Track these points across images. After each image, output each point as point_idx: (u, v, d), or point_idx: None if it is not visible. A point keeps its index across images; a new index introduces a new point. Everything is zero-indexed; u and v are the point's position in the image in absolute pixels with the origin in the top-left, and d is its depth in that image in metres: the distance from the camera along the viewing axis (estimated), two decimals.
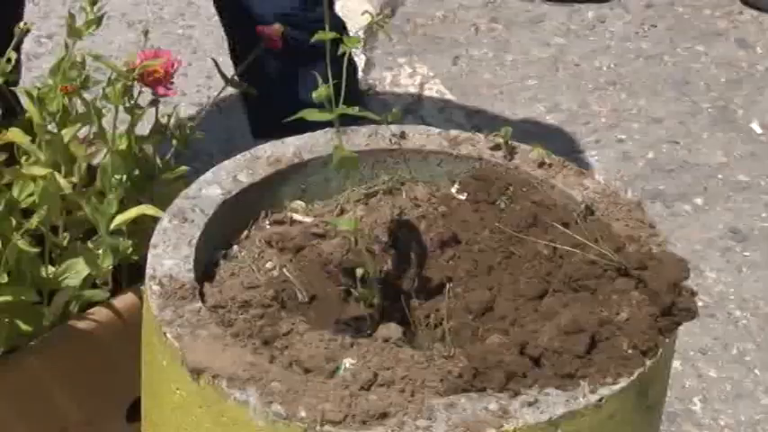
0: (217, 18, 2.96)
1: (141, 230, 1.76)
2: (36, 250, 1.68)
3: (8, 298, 1.65)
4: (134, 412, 1.72)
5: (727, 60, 3.03)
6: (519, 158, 1.68)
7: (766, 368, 2.24)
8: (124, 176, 1.75)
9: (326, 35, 1.41)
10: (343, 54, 1.45)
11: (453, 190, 1.68)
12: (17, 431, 1.72)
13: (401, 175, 1.68)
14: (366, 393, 1.34)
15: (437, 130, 1.71)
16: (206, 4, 2.65)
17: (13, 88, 1.85)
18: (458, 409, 1.32)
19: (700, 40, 3.11)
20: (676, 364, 2.14)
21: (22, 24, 1.73)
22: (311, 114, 1.43)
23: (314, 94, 1.42)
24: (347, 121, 1.51)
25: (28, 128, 1.77)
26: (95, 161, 1.78)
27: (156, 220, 1.61)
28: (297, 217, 1.64)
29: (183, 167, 1.85)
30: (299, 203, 1.66)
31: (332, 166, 1.45)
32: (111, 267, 1.76)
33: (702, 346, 2.27)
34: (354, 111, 1.44)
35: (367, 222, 1.60)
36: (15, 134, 1.73)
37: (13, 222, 1.68)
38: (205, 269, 1.55)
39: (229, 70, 1.88)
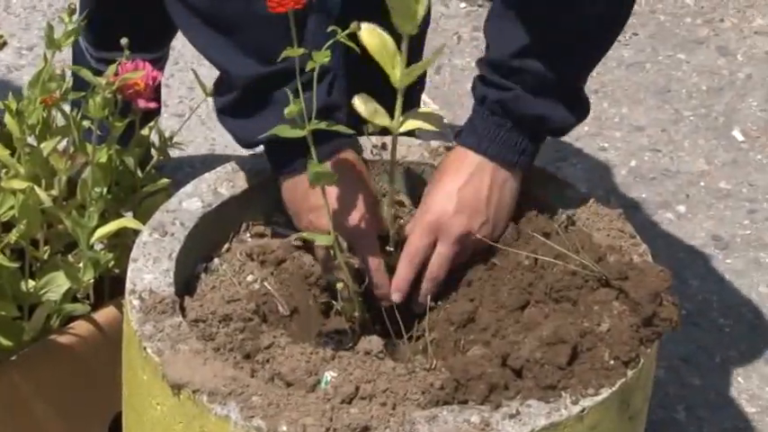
0: None
1: (123, 243, 1.75)
2: (16, 265, 1.68)
3: None
4: (116, 427, 1.71)
5: (708, 68, 3.04)
6: None
7: (750, 376, 2.24)
8: (105, 189, 1.74)
9: (296, 51, 1.40)
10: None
11: None
12: None
13: (383, 186, 1.68)
14: (347, 407, 1.34)
15: (418, 142, 1.71)
16: None
17: None
18: (439, 422, 1.32)
19: (681, 48, 3.11)
20: (659, 372, 2.14)
21: None
22: (284, 131, 1.42)
23: (285, 111, 1.41)
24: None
25: (7, 141, 1.76)
26: (76, 174, 1.77)
27: (137, 232, 1.60)
28: (278, 229, 1.63)
29: (165, 180, 1.84)
30: (279, 216, 1.65)
31: (309, 180, 1.44)
32: (92, 281, 1.75)
33: (685, 353, 2.27)
34: (324, 126, 1.43)
35: None
36: None
37: None
38: (186, 283, 1.55)
39: (210, 81, 1.87)
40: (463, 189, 1.55)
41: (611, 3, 1.57)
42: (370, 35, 1.51)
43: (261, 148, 1.59)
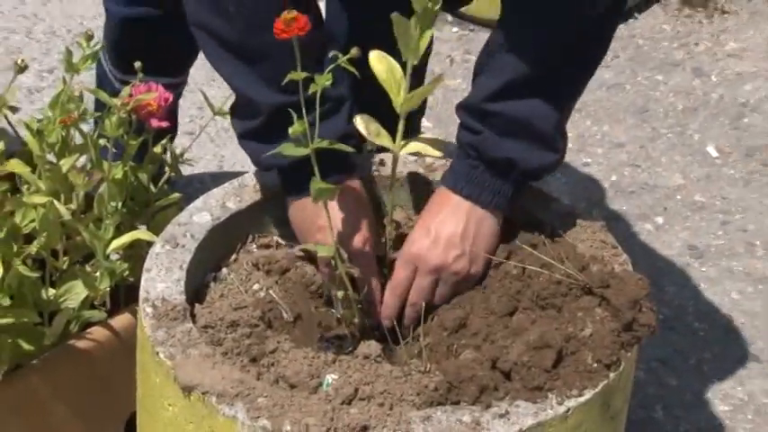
0: None
1: (137, 254, 1.75)
2: (37, 274, 1.67)
3: (11, 319, 1.64)
4: (131, 427, 1.70)
5: (683, 89, 3.04)
6: None
7: (723, 377, 2.24)
8: (120, 204, 1.74)
9: (299, 75, 1.40)
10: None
11: None
12: None
13: (380, 200, 1.68)
14: (347, 407, 1.34)
15: (413, 158, 1.70)
16: None
17: (15, 121, 1.84)
18: (433, 422, 1.32)
19: (658, 70, 3.11)
20: (639, 373, 2.14)
21: (19, 60, 1.72)
22: (288, 149, 1.42)
23: (290, 130, 1.41)
24: None
25: (28, 159, 1.76)
26: (93, 189, 1.77)
27: (150, 243, 1.60)
28: (282, 241, 1.63)
29: (176, 194, 1.84)
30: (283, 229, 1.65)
31: (311, 197, 1.44)
32: (108, 289, 1.75)
33: (663, 356, 2.27)
34: (327, 144, 1.43)
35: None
36: (16, 165, 1.72)
37: (15, 248, 1.67)
38: (196, 291, 1.55)
39: (218, 102, 1.87)
40: (440, 226, 1.56)
41: (583, 51, 1.56)
42: (379, 61, 1.51)
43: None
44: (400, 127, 1.54)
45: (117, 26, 2.20)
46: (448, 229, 1.55)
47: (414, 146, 1.57)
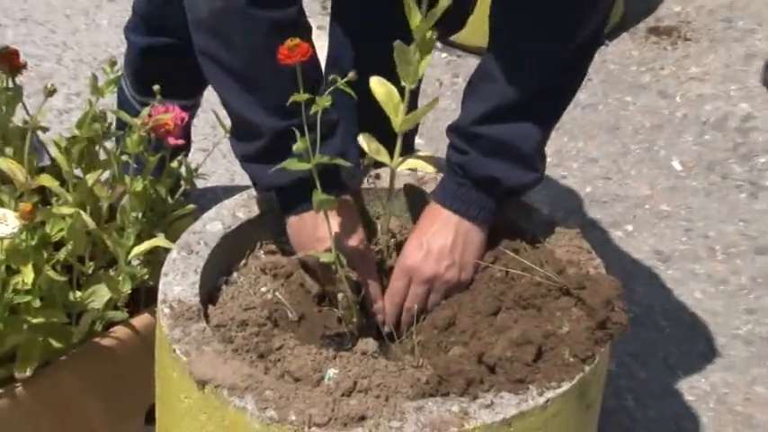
0: None
1: (156, 260, 1.74)
2: (65, 278, 1.67)
3: (41, 319, 1.63)
4: (150, 417, 1.70)
5: (650, 108, 3.03)
6: None
7: (688, 370, 2.24)
8: (140, 214, 1.73)
9: (302, 97, 1.39)
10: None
11: None
12: None
13: (377, 210, 1.67)
14: (347, 399, 1.33)
15: (407, 172, 1.70)
16: None
17: (45, 139, 1.84)
18: (425, 412, 1.31)
19: (628, 92, 3.11)
20: (611, 366, 2.13)
21: (49, 85, 1.71)
22: (292, 164, 1.42)
23: (293, 147, 1.40)
24: None
25: (57, 174, 1.76)
26: (116, 201, 1.77)
27: (167, 250, 1.60)
28: (287, 247, 1.62)
29: (191, 205, 1.84)
30: None
31: (314, 208, 1.44)
32: (129, 291, 1.74)
33: (634, 350, 2.26)
34: (327, 160, 1.43)
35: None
36: (46, 179, 1.72)
37: (46, 255, 1.67)
38: (209, 293, 1.54)
39: (229, 122, 1.86)
40: (431, 239, 1.55)
41: (563, 80, 1.57)
42: (379, 85, 1.51)
43: None
44: (398, 145, 1.53)
45: (137, 55, 2.20)
46: (439, 242, 1.55)
47: (410, 162, 1.57)
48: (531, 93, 1.52)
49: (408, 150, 1.62)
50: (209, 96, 2.54)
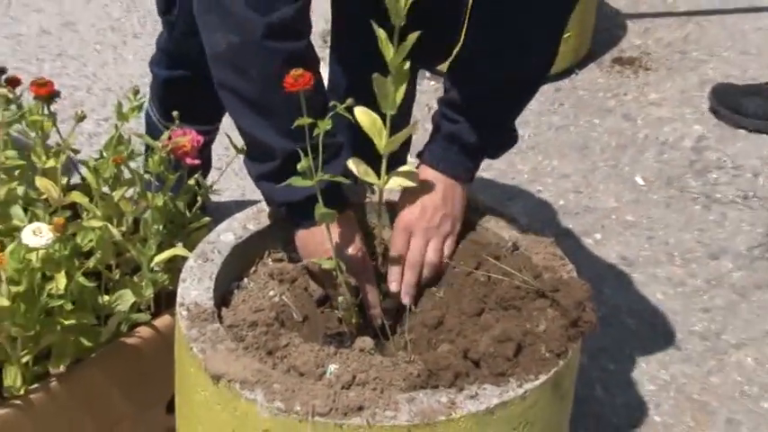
0: None
1: (175, 267, 1.73)
2: (94, 284, 1.66)
3: (73, 321, 1.62)
4: (171, 406, 1.68)
5: (616, 130, 3.03)
6: None
7: (650, 362, 2.23)
8: (161, 226, 1.72)
9: (306, 120, 1.38)
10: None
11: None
12: (84, 423, 1.69)
13: (373, 221, 1.66)
14: (346, 391, 1.32)
15: (398, 187, 1.68)
16: None
17: (79, 160, 1.82)
18: (417, 402, 1.30)
19: (596, 115, 3.10)
20: (583, 359, 2.12)
21: (79, 111, 1.70)
22: (297, 181, 1.41)
23: (298, 166, 1.39)
24: None
25: (87, 191, 1.75)
26: (139, 215, 1.76)
27: (186, 258, 1.58)
28: (293, 255, 1.61)
29: (206, 218, 1.83)
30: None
31: (317, 219, 1.43)
32: (151, 295, 1.73)
33: (603, 345, 2.25)
34: (328, 177, 1.41)
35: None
36: (77, 196, 1.71)
37: (77, 263, 1.66)
38: (222, 297, 1.53)
39: (241, 143, 1.85)
40: (424, 196, 1.58)
41: (536, 68, 1.61)
42: (363, 114, 1.50)
43: None
44: (383, 166, 1.52)
45: (161, 85, 2.19)
46: (432, 198, 1.57)
47: (394, 181, 1.56)
48: (512, 77, 1.57)
49: (401, 165, 1.61)
50: (223, 121, 2.55)
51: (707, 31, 3.56)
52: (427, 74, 3.23)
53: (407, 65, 1.43)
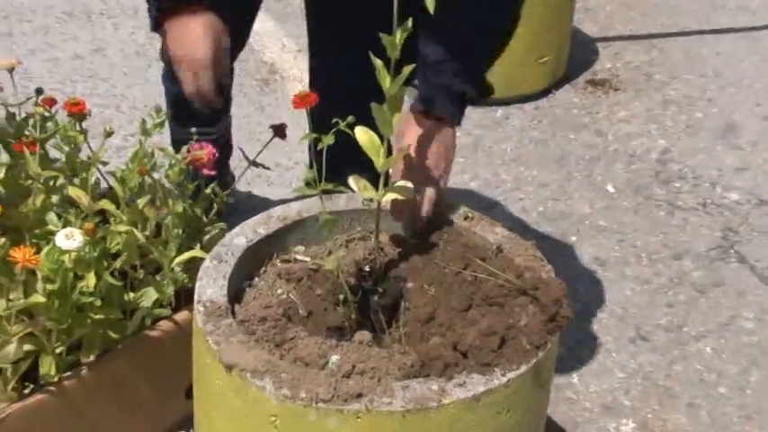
0: (245, 117, 2.93)
1: (193, 267, 1.71)
2: (120, 283, 1.65)
3: (101, 316, 1.62)
4: (190, 393, 1.67)
5: (589, 144, 3.02)
6: (451, 214, 1.64)
7: (620, 352, 2.21)
8: (181, 231, 1.71)
9: (310, 136, 1.37)
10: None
11: (407, 237, 1.64)
12: (111, 409, 1.68)
13: (370, 226, 1.64)
14: (347, 380, 1.30)
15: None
16: (235, 109, 2.62)
17: (108, 171, 1.81)
18: (411, 390, 1.29)
19: (571, 131, 3.09)
20: (560, 350, 2.11)
21: (107, 128, 1.69)
22: (301, 190, 1.39)
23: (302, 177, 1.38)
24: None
25: (115, 198, 1.74)
26: (161, 220, 1.74)
27: (202, 259, 1.57)
28: (298, 257, 1.60)
29: (222, 223, 1.82)
30: (300, 248, 1.62)
31: (319, 225, 1.41)
32: (172, 293, 1.72)
33: (578, 338, 2.23)
34: (330, 187, 1.40)
35: (347, 260, 1.56)
36: (106, 203, 1.70)
37: (105, 264, 1.64)
38: (235, 295, 1.51)
39: (252, 156, 1.84)
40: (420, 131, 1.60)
41: (504, 21, 1.62)
42: (363, 133, 1.48)
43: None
44: (381, 181, 1.50)
45: (166, 92, 2.21)
46: (437, 145, 1.58)
47: (391, 194, 1.53)
48: (480, 27, 1.57)
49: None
50: (237, 134, 2.54)
51: (669, 56, 3.56)
52: None
53: (404, 92, 1.41)
